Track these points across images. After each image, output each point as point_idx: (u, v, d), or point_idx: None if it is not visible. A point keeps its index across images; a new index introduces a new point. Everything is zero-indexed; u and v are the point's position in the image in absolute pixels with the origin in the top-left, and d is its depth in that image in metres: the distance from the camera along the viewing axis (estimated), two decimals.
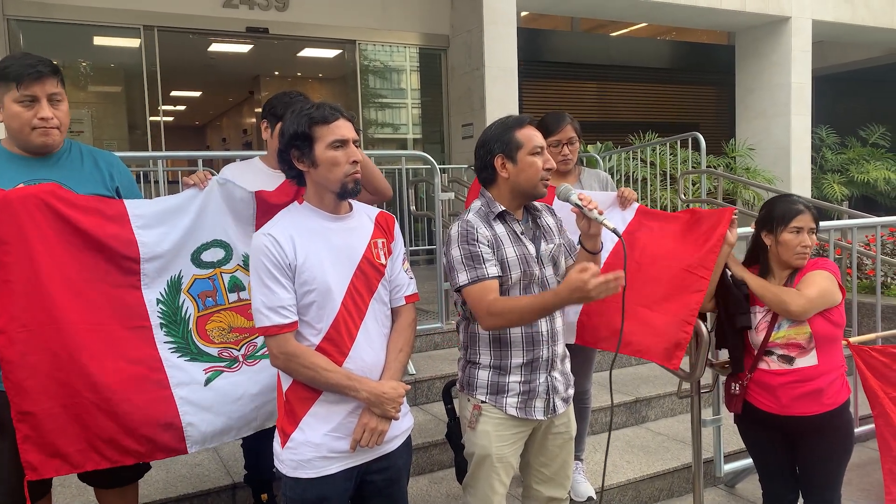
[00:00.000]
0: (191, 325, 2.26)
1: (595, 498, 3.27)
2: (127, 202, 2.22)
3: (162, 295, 2.23)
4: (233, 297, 2.35)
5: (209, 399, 2.24)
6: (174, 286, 2.25)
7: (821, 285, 2.49)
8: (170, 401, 2.19)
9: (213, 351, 2.28)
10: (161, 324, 2.21)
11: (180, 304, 2.25)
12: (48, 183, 2.12)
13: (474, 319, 2.23)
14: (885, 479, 3.22)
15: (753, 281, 2.60)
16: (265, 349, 2.35)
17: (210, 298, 2.31)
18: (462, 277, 2.14)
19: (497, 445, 2.21)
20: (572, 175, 3.17)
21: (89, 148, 2.39)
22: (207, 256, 2.32)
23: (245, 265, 2.39)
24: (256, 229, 2.36)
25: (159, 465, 2.53)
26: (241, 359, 2.32)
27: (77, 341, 2.06)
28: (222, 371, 2.28)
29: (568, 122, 3.00)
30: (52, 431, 2.03)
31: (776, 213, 2.57)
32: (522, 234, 2.25)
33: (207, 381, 2.26)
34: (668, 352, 2.58)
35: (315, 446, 1.96)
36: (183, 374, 2.22)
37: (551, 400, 2.27)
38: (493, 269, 2.14)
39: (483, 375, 2.23)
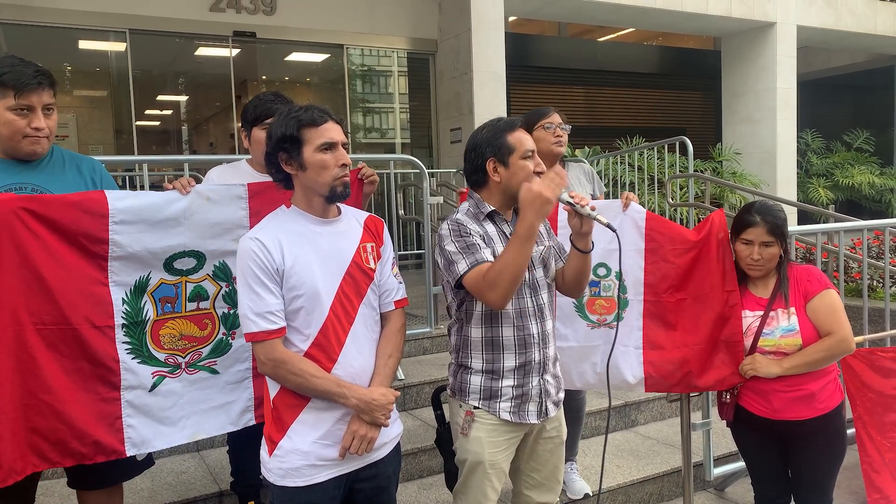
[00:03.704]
0: (147, 328, 2.26)
1: (591, 494, 3.26)
2: (108, 193, 2.18)
3: (127, 295, 2.22)
4: (191, 305, 2.33)
5: (150, 404, 2.25)
6: (140, 287, 2.24)
7: (841, 307, 2.52)
8: (117, 403, 2.19)
9: (162, 356, 2.28)
10: (123, 324, 2.20)
11: (142, 305, 2.24)
12: (25, 195, 2.09)
13: (468, 322, 2.21)
14: (865, 482, 3.23)
15: (793, 362, 2.48)
16: (209, 360, 2.35)
17: (169, 304, 2.30)
18: (462, 266, 2.11)
19: (490, 452, 2.19)
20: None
21: (72, 153, 2.36)
22: (179, 264, 2.31)
23: (214, 276, 2.36)
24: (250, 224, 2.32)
25: (144, 472, 2.50)
26: (182, 366, 2.32)
27: (42, 343, 2.04)
28: (165, 376, 2.29)
29: (552, 109, 3.13)
30: None
31: (735, 222, 2.59)
32: (512, 234, 2.24)
33: (153, 387, 2.26)
34: (734, 376, 2.64)
35: (303, 454, 1.94)
36: (134, 378, 2.22)
37: (543, 403, 2.25)
38: (489, 256, 2.12)
39: (476, 381, 2.20)
